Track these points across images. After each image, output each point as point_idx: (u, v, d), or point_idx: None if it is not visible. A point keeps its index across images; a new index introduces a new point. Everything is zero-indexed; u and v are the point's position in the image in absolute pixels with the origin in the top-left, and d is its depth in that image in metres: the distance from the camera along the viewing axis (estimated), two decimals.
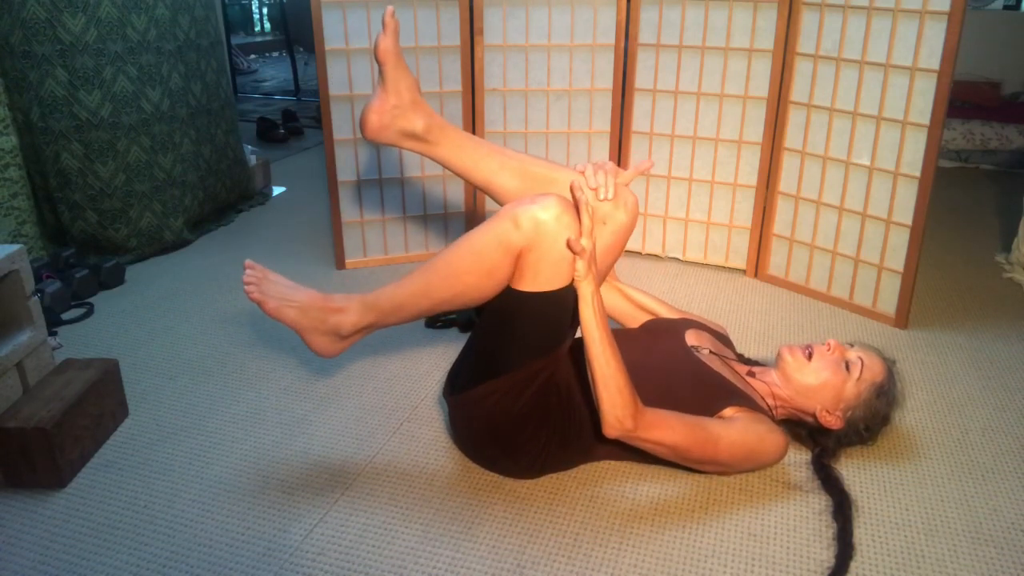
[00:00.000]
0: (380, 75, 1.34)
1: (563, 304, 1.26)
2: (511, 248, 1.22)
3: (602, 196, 1.26)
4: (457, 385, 1.39)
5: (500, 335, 1.30)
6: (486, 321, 1.33)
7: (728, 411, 1.36)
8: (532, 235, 1.20)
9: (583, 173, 1.30)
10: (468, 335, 1.61)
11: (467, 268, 1.26)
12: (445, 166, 1.40)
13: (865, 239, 2.08)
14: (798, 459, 1.48)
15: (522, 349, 1.29)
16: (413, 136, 1.36)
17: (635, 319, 1.68)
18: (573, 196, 1.23)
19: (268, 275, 1.36)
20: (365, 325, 1.36)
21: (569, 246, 1.18)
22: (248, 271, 1.35)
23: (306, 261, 2.47)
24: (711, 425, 1.31)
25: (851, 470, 1.44)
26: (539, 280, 1.23)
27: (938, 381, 1.77)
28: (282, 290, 1.35)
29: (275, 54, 7.88)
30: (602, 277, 1.31)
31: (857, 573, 1.20)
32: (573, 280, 1.21)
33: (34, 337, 1.57)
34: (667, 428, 1.27)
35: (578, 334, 1.31)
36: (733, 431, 1.32)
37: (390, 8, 1.29)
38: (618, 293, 1.69)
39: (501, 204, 1.38)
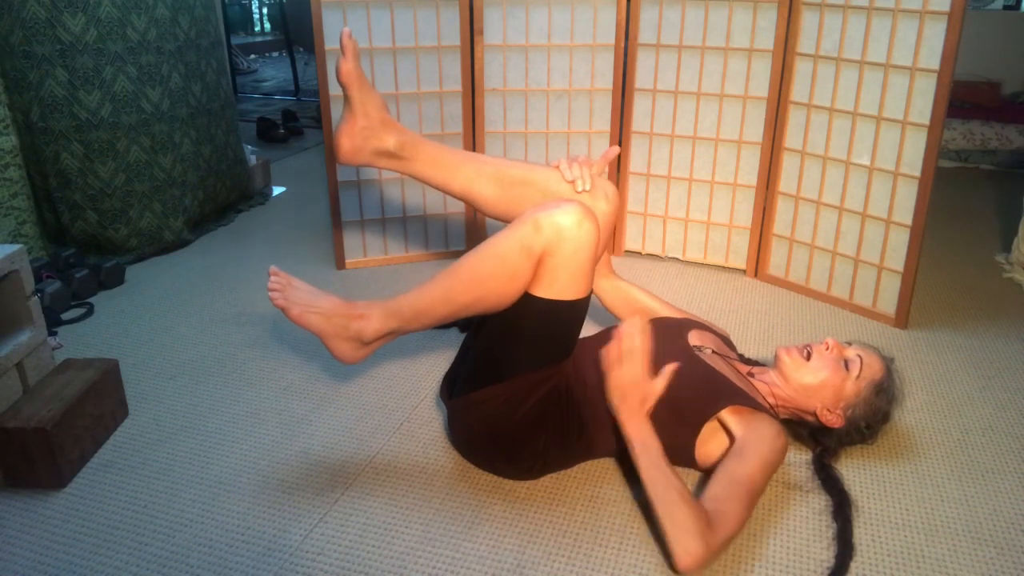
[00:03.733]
0: (346, 99, 1.34)
1: (575, 315, 1.27)
2: (532, 252, 1.22)
3: (579, 188, 1.29)
4: (456, 388, 1.39)
5: (507, 338, 1.30)
6: (493, 322, 1.33)
7: (728, 410, 1.36)
8: (553, 239, 1.21)
9: (558, 168, 1.33)
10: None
11: (489, 272, 1.26)
12: (423, 181, 1.41)
13: (865, 239, 2.08)
14: (798, 459, 1.48)
15: (528, 355, 1.29)
16: (387, 154, 1.37)
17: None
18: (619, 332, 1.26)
19: (292, 282, 1.37)
20: (388, 331, 1.36)
21: (617, 335, 1.23)
22: (273, 278, 1.35)
23: (306, 261, 2.47)
24: (740, 474, 1.24)
25: (851, 470, 1.44)
26: (555, 287, 1.24)
27: (938, 381, 1.77)
28: (306, 296, 1.36)
29: (275, 54, 7.88)
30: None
31: (857, 573, 1.20)
32: (610, 406, 1.24)
33: (34, 337, 1.57)
34: (729, 522, 1.19)
35: (585, 334, 1.31)
36: (756, 460, 1.27)
37: (346, 30, 1.30)
38: (618, 291, 1.69)
39: (482, 212, 1.41)
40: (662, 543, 1.21)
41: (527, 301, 1.26)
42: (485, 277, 1.26)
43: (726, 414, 1.35)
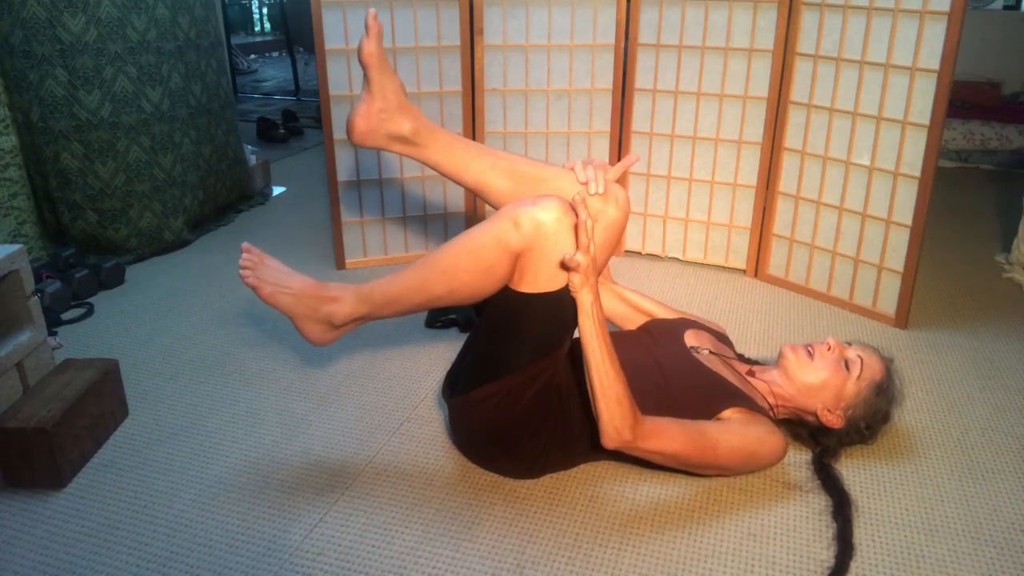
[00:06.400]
0: (365, 79, 1.33)
1: (563, 305, 1.26)
2: (510, 248, 1.22)
3: (592, 191, 1.27)
4: (457, 387, 1.39)
5: (500, 336, 1.30)
6: (487, 321, 1.33)
7: (727, 412, 1.36)
8: (532, 236, 1.20)
9: (572, 169, 1.31)
10: (467, 335, 1.61)
11: (464, 266, 1.26)
12: (434, 168, 1.40)
13: (865, 239, 2.08)
14: (798, 459, 1.48)
15: (523, 350, 1.29)
16: (401, 139, 1.36)
17: (632, 321, 1.68)
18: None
19: (264, 260, 1.36)
20: (358, 316, 1.36)
21: (563, 263, 1.18)
22: (245, 255, 1.34)
23: (306, 261, 2.47)
24: (710, 430, 1.31)
25: (851, 470, 1.44)
26: (539, 281, 1.23)
27: (938, 381, 1.77)
28: (278, 276, 1.35)
29: (275, 54, 7.88)
30: (597, 273, 1.31)
31: (857, 573, 1.20)
32: (570, 291, 1.20)
33: (34, 337, 1.57)
34: (666, 437, 1.26)
35: (576, 334, 1.31)
36: (732, 435, 1.32)
37: (372, 11, 1.29)
38: (614, 296, 1.69)
39: (493, 205, 1.39)
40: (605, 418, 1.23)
41: (515, 298, 1.26)
42: (459, 270, 1.26)
43: (726, 414, 1.35)
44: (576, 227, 1.18)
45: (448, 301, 1.31)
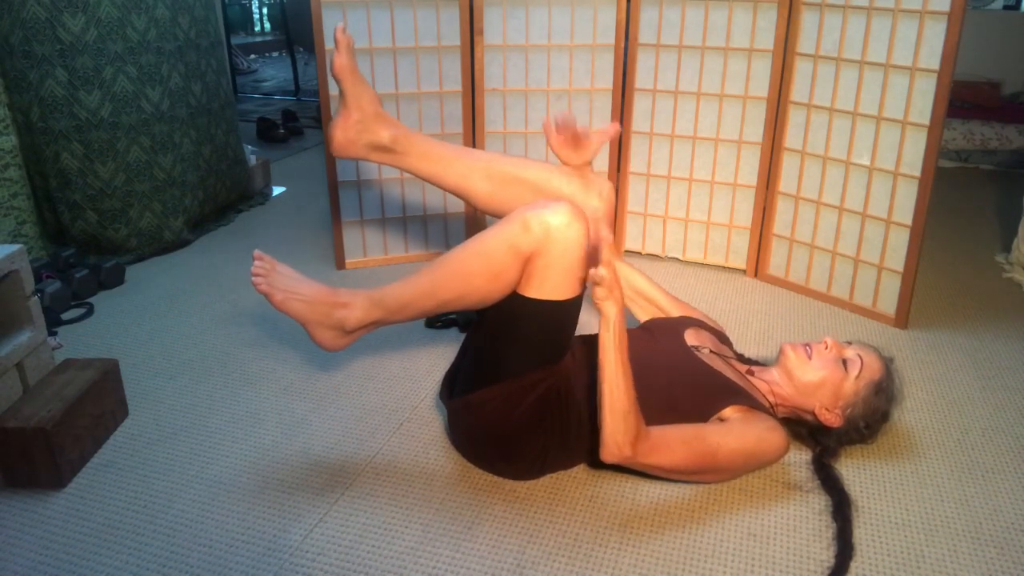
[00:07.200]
0: (340, 92, 1.35)
1: (568, 315, 1.26)
2: (520, 252, 1.22)
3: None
4: (456, 389, 1.39)
5: (503, 339, 1.30)
6: (488, 323, 1.33)
7: (728, 410, 1.36)
8: (542, 240, 1.20)
9: (547, 128, 1.37)
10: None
11: (475, 269, 1.26)
12: (416, 175, 1.40)
13: (865, 239, 2.08)
14: (798, 459, 1.48)
15: (524, 356, 1.29)
16: (380, 148, 1.37)
17: (633, 302, 1.68)
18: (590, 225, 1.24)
19: (276, 266, 1.37)
20: (370, 321, 1.36)
21: (588, 278, 1.18)
22: (257, 262, 1.35)
23: (306, 261, 2.47)
24: (710, 436, 1.30)
25: (851, 470, 1.44)
26: (545, 288, 1.23)
27: (938, 381, 1.77)
28: (289, 283, 1.35)
29: (275, 54, 7.88)
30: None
31: (857, 573, 1.20)
32: (594, 302, 1.19)
33: (34, 337, 1.57)
34: (666, 451, 1.26)
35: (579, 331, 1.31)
36: (731, 437, 1.32)
37: (340, 25, 1.30)
38: (620, 272, 1.69)
39: (475, 207, 1.41)
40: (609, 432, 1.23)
41: (519, 302, 1.25)
42: (470, 274, 1.26)
43: (727, 413, 1.35)
44: (593, 240, 1.18)
45: (460, 305, 1.31)
